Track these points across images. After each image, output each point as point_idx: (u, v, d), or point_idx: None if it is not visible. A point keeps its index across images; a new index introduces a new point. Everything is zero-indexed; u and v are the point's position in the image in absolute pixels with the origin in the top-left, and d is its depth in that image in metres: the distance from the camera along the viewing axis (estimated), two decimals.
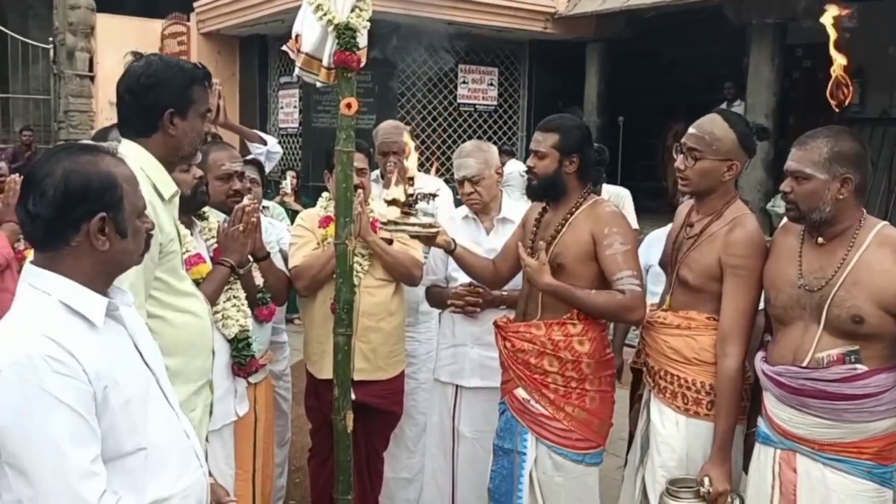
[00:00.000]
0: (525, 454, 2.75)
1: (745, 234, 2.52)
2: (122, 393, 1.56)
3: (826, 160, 2.25)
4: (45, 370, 1.46)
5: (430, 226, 2.86)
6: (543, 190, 2.83)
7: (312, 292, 3.37)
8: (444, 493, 3.36)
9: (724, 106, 10.29)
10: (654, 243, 3.70)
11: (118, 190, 1.59)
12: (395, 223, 2.85)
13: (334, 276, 3.13)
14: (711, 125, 2.58)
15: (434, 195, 2.94)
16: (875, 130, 8.65)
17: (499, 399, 2.97)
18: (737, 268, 2.49)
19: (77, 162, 1.57)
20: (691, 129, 2.61)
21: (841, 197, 2.25)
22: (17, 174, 3.42)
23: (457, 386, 3.31)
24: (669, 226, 3.69)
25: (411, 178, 2.81)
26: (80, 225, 1.55)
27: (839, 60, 2.53)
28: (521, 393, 2.76)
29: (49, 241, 1.57)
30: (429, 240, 2.92)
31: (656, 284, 3.51)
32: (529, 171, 2.83)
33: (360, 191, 3.09)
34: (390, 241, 3.40)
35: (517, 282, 3.10)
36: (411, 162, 2.88)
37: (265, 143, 4.11)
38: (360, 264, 3.22)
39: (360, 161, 3.31)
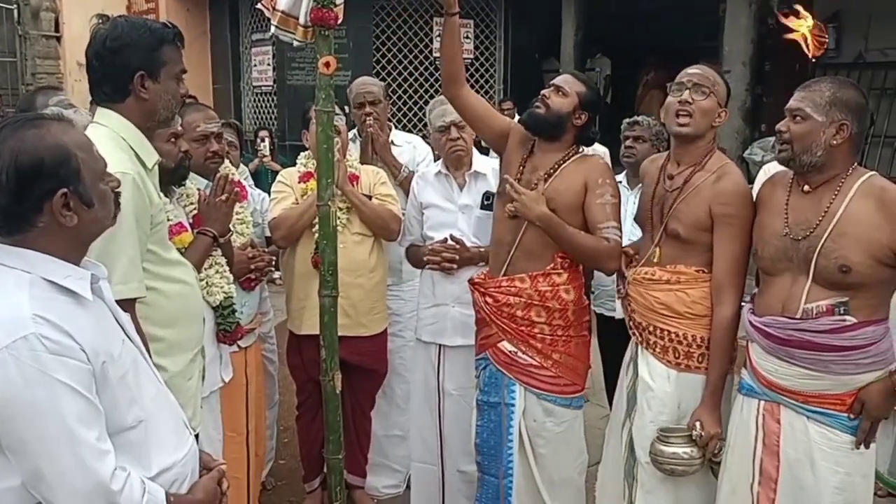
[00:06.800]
0: (513, 405, 2.79)
1: (734, 184, 2.55)
2: (118, 367, 1.55)
3: (827, 103, 2.27)
4: (43, 352, 1.42)
5: None
6: (547, 123, 2.79)
7: (290, 243, 3.40)
8: (432, 449, 3.41)
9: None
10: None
11: (73, 160, 1.52)
12: None
13: (313, 230, 3.13)
14: (708, 71, 2.62)
15: None
16: (850, 75, 8.65)
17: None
18: (728, 216, 2.52)
19: (23, 139, 1.48)
20: (694, 70, 2.62)
21: (835, 143, 2.26)
22: None
23: (439, 345, 3.32)
24: None
25: None
26: (41, 205, 1.49)
27: (806, 22, 2.54)
28: (506, 346, 2.79)
29: (13, 227, 1.50)
30: None
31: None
32: (541, 100, 2.79)
33: (337, 140, 3.06)
34: (369, 197, 3.40)
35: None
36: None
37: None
38: (339, 218, 3.21)
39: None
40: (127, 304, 1.89)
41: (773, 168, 3.59)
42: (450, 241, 3.23)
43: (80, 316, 1.51)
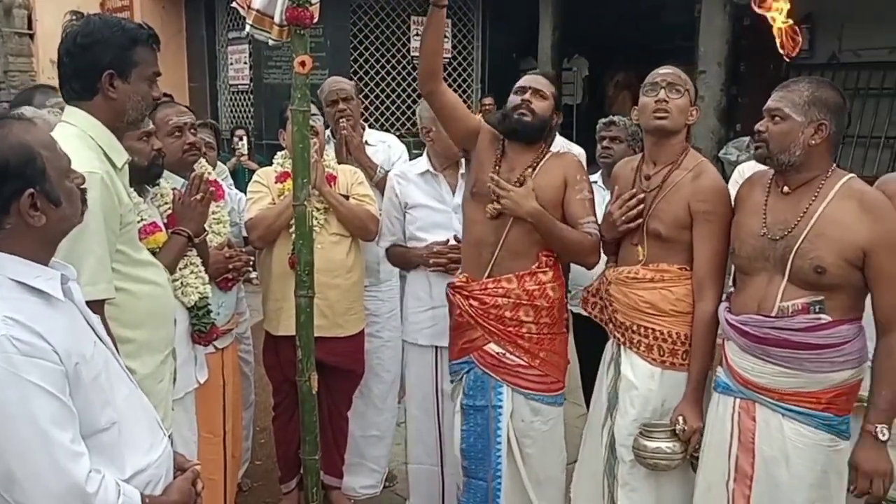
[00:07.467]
0: (501, 407, 2.79)
1: (712, 181, 2.59)
2: (91, 368, 1.53)
3: (805, 103, 2.28)
4: (14, 354, 1.41)
5: None
6: (535, 129, 2.82)
7: (267, 243, 3.37)
8: (432, 451, 3.40)
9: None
10: None
11: (38, 159, 1.50)
12: None
13: (290, 230, 3.12)
14: (678, 71, 2.67)
15: None
16: (824, 76, 8.76)
17: None
18: (708, 213, 2.55)
19: None
20: (665, 70, 2.65)
21: (813, 143, 2.28)
22: None
23: (436, 347, 3.30)
24: None
25: None
26: (8, 207, 1.48)
27: (781, 15, 2.56)
28: (493, 348, 2.80)
29: None
30: None
31: None
32: (526, 107, 2.80)
33: (314, 140, 3.05)
34: (347, 197, 3.39)
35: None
36: None
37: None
38: (316, 219, 3.20)
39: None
40: (96, 306, 1.86)
41: (747, 168, 3.63)
42: (452, 242, 3.22)
43: (51, 317, 1.49)
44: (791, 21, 2.57)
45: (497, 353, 2.80)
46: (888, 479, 2.26)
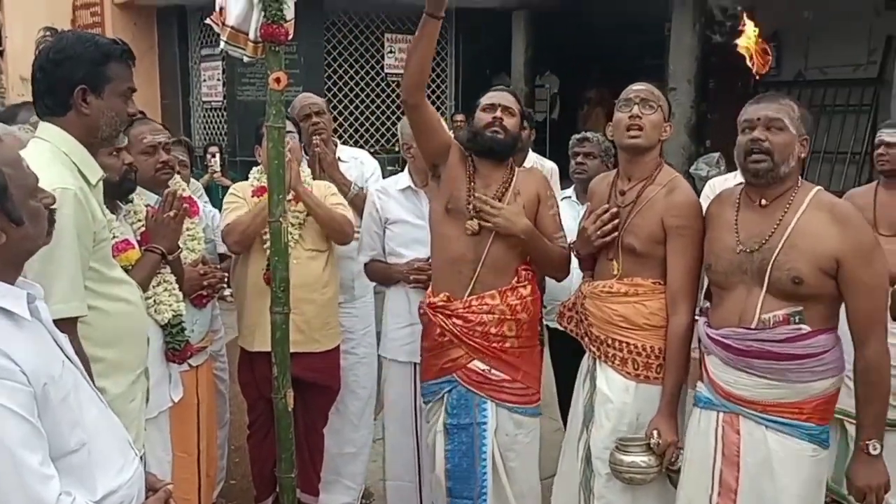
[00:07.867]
0: (485, 424, 2.80)
1: (685, 196, 2.62)
2: (59, 388, 1.50)
3: (798, 118, 2.34)
4: None
5: None
6: (508, 146, 2.85)
7: (244, 248, 3.35)
8: (410, 467, 3.37)
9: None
10: None
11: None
12: None
13: (265, 246, 3.10)
14: (652, 87, 2.69)
15: None
16: (790, 93, 8.93)
17: None
18: (681, 228, 2.57)
19: None
20: (639, 86, 2.67)
21: (802, 156, 2.34)
22: None
23: (414, 364, 3.26)
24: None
25: None
26: None
27: (751, 34, 2.61)
28: (478, 365, 2.80)
29: None
30: None
31: None
32: (498, 123, 2.81)
33: (288, 140, 3.04)
34: None
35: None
36: None
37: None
38: (291, 234, 3.19)
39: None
40: (67, 324, 1.84)
41: (718, 183, 3.67)
42: None
43: (18, 337, 1.46)
44: (757, 42, 2.63)
45: (482, 371, 2.80)
46: (884, 490, 2.32)
